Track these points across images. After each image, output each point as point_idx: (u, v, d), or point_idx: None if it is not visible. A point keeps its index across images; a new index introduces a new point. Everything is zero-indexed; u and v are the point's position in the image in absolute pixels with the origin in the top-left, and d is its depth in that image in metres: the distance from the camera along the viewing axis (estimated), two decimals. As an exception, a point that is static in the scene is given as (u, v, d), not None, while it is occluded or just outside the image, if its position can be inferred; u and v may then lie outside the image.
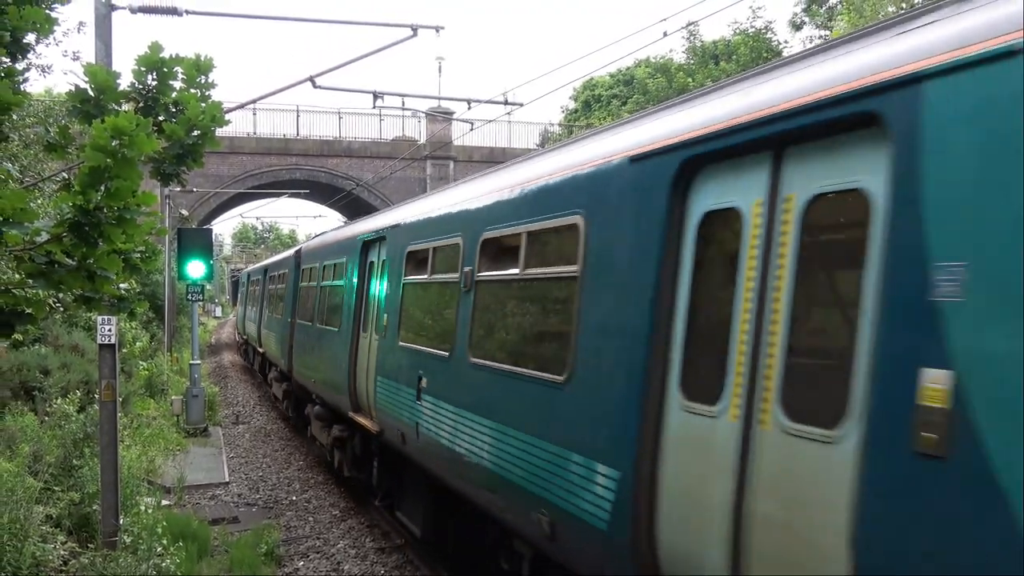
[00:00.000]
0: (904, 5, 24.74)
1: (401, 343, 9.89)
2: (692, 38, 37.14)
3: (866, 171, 3.70)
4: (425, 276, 9.47)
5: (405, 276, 10.18)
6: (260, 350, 27.65)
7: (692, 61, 37.36)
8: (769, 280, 4.25)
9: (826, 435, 3.71)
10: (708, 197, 4.78)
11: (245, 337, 36.17)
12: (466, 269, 7.99)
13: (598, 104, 51.40)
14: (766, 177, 4.33)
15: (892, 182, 3.53)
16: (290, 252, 22.71)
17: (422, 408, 8.82)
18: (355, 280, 12.82)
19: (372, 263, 12.29)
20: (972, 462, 3.05)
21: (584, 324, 5.76)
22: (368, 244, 12.52)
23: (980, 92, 3.23)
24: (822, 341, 4.14)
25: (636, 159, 5.44)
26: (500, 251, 7.51)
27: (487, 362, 7.32)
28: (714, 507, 4.35)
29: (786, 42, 36.50)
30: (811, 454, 3.80)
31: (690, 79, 33.04)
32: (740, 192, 4.51)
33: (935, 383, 3.21)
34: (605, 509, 5.23)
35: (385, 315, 10.77)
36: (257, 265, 36.73)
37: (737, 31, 36.60)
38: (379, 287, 11.57)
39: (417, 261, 9.88)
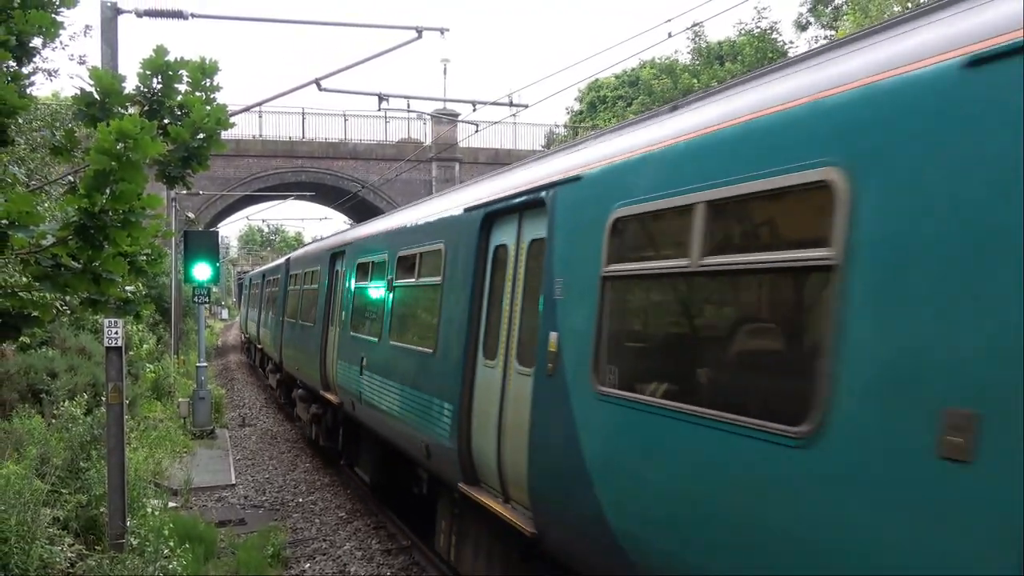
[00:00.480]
0: (910, 5, 24.70)
1: (352, 333, 13.11)
2: (697, 39, 37.16)
3: (544, 229, 6.56)
4: (366, 282, 12.65)
5: (356, 282, 13.34)
6: (259, 346, 31.14)
7: (697, 62, 37.38)
8: (516, 289, 7.19)
9: (526, 371, 6.68)
10: (496, 237, 7.77)
11: (247, 336, 39.29)
12: (388, 277, 11.25)
13: (603, 105, 51.40)
14: (515, 228, 7.33)
15: (548, 235, 6.41)
16: (282, 260, 26.42)
17: (363, 380, 11.90)
18: (326, 284, 15.77)
19: (337, 271, 15.11)
20: (561, 377, 5.88)
21: (443, 315, 8.67)
22: (335, 256, 15.38)
23: (570, 193, 6.24)
24: (531, 323, 6.72)
25: (467, 209, 8.46)
26: (407, 265, 10.59)
27: (398, 343, 10.42)
28: (492, 420, 7.27)
29: (791, 42, 36.48)
30: (523, 383, 6.70)
31: (695, 80, 33.04)
32: (508, 236, 7.50)
33: (553, 340, 6.08)
34: (448, 431, 8.12)
35: (343, 312, 14.01)
36: (257, 271, 40.41)
37: (742, 32, 36.60)
38: (341, 290, 14.55)
39: (363, 270, 13.01)
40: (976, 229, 3.08)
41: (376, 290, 11.94)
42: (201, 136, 5.06)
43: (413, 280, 10.17)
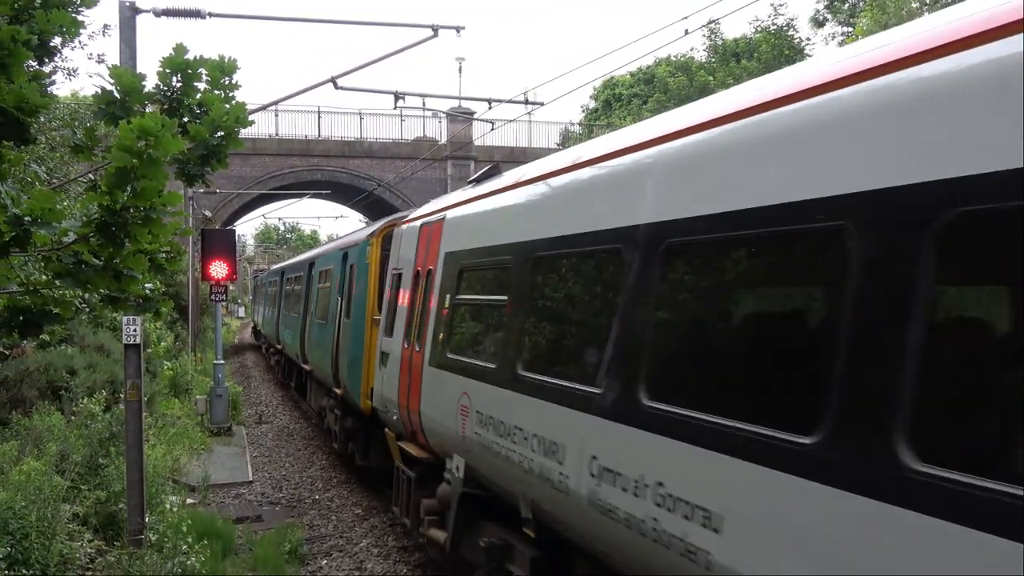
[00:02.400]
0: (928, 1, 24.51)
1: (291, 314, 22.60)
2: (713, 36, 37.01)
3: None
4: (323, 285, 18.41)
5: (314, 285, 19.95)
6: (263, 332, 39.50)
7: (713, 59, 37.23)
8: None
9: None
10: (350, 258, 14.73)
11: (258, 327, 46.54)
12: (319, 284, 18.50)
13: (618, 103, 51.31)
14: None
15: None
16: (277, 267, 36.00)
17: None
18: (306, 286, 21.52)
19: (312, 275, 20.79)
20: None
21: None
22: (311, 264, 21.27)
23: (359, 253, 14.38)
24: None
25: (340, 248, 16.42)
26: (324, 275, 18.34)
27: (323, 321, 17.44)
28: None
29: (808, 39, 36.29)
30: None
31: (711, 77, 32.90)
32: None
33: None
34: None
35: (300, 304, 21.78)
36: (263, 274, 48.98)
37: (758, 29, 36.43)
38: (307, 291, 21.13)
39: (319, 278, 19.31)
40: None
41: (322, 292, 19.12)
42: (220, 134, 5.09)
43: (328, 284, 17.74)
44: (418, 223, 10.54)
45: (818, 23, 36.49)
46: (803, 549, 3.52)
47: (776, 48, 32.89)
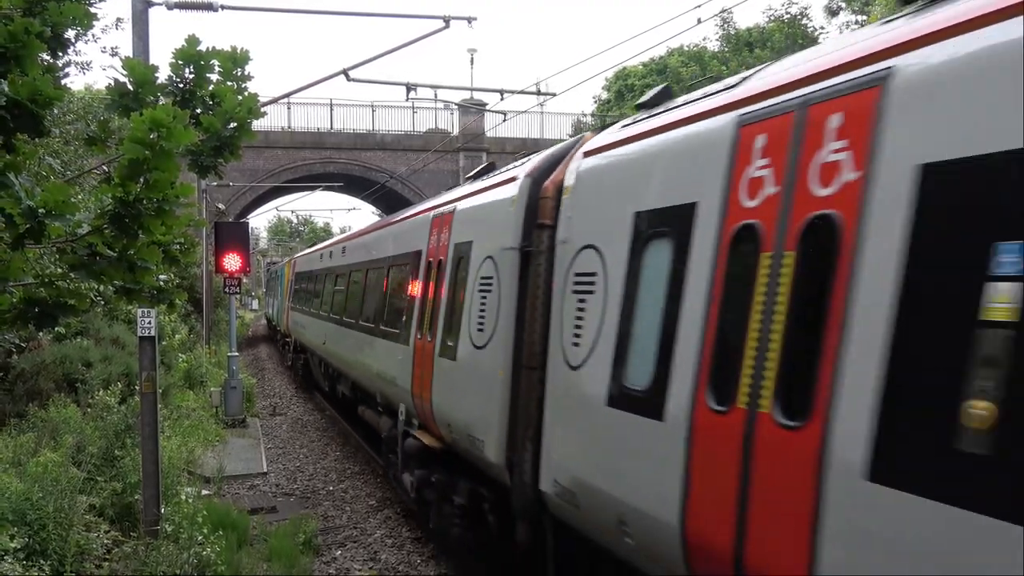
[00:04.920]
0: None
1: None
2: (726, 25, 36.80)
3: None
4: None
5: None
6: (272, 316, 45.47)
7: (726, 49, 37.03)
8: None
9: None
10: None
11: (268, 314, 51.39)
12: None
13: (631, 94, 51.09)
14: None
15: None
16: (284, 261, 39.12)
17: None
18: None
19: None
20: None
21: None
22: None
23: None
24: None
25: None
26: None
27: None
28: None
29: (822, 28, 36.03)
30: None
31: (724, 67, 32.74)
32: None
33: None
34: (285, 321, 30.14)
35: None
36: (274, 268, 55.58)
37: (772, 18, 36.20)
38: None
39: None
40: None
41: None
42: (233, 126, 5.08)
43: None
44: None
45: (832, 12, 36.24)
46: None
47: (790, 37, 32.69)
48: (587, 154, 6.75)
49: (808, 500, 3.79)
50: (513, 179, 7.99)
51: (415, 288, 10.90)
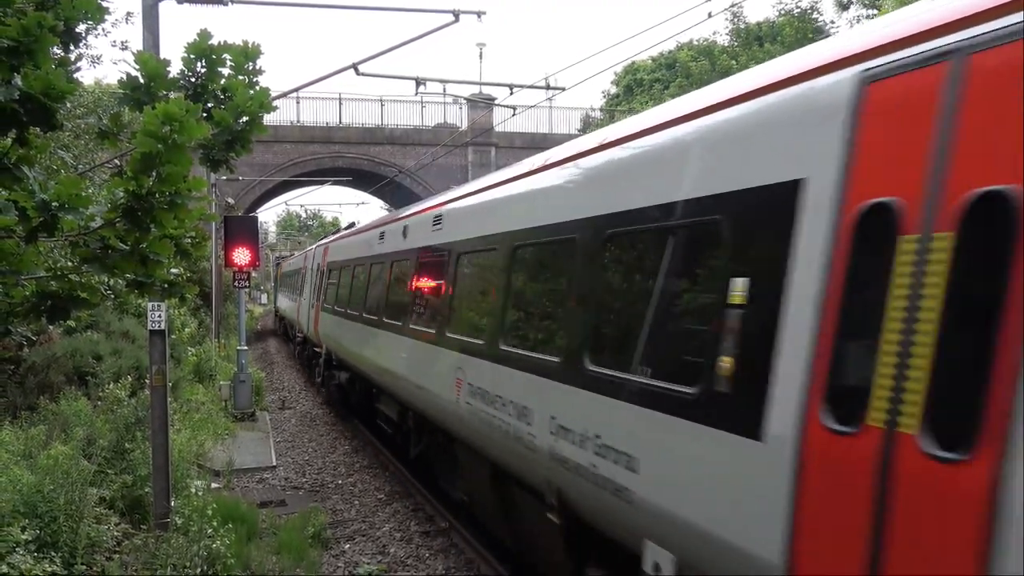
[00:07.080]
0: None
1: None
2: (736, 20, 36.65)
3: None
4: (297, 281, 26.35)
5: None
6: (279, 309, 47.12)
7: (736, 43, 36.89)
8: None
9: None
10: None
11: (276, 308, 53.12)
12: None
13: (640, 88, 50.98)
14: None
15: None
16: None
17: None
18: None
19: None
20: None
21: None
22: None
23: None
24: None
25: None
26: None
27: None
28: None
29: (832, 22, 35.85)
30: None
31: (734, 61, 32.64)
32: None
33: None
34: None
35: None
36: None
37: (782, 12, 36.04)
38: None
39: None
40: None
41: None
42: (244, 119, 5.09)
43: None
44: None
45: (843, 6, 36.01)
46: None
47: (800, 32, 32.54)
48: None
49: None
50: None
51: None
